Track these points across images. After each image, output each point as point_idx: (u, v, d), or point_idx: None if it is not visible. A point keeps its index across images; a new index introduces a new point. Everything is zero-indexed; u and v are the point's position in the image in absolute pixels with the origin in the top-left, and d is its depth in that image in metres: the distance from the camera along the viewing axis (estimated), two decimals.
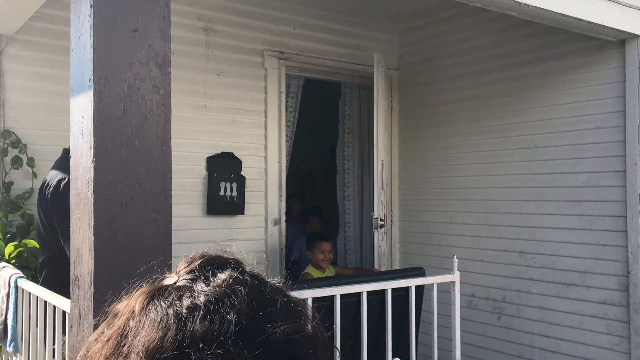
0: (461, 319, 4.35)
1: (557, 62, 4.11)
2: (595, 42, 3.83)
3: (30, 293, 2.53)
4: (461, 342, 4.10)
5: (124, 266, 1.83)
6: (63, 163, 2.71)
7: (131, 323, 0.69)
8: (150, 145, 1.89)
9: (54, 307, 2.26)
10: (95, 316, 1.80)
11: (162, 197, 1.91)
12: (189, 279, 0.73)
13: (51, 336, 2.32)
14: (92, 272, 1.80)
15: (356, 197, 5.45)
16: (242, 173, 4.48)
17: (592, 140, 3.88)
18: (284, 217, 4.68)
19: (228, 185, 4.38)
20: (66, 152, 2.88)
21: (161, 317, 0.67)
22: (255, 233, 4.57)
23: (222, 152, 4.41)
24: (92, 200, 1.79)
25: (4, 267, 2.97)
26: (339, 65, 5.01)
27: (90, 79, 1.82)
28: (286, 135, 4.90)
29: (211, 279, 0.72)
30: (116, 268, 1.82)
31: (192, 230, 4.26)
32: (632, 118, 3.66)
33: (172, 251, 1.93)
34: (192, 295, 0.70)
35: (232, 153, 4.45)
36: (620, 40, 3.73)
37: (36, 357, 2.49)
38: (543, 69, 4.19)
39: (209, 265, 0.75)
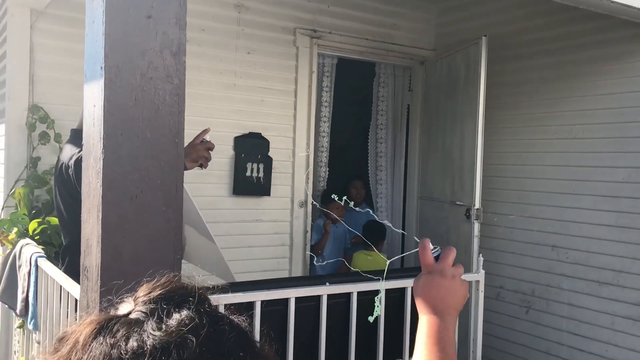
0: (488, 310, 4.26)
1: (601, 50, 3.89)
2: None
3: (48, 275, 2.54)
4: (486, 334, 4.01)
5: (131, 260, 1.80)
6: (74, 142, 2.70)
7: (73, 357, 0.66)
8: (162, 136, 1.83)
9: (68, 293, 2.25)
10: (101, 310, 1.77)
11: (173, 190, 1.85)
12: (143, 312, 0.68)
13: (65, 319, 2.32)
14: (99, 264, 1.77)
15: (389, 180, 5.35)
16: (269, 154, 4.42)
17: (635, 134, 3.68)
18: (310, 200, 4.62)
19: (255, 166, 4.33)
20: (74, 133, 2.88)
21: (102, 358, 0.64)
22: (281, 215, 4.53)
23: (250, 132, 4.35)
24: (101, 193, 1.75)
25: (27, 244, 3.00)
26: (374, 45, 4.86)
27: (101, 67, 1.76)
28: (324, 116, 4.84)
29: (165, 319, 0.67)
30: (124, 262, 1.79)
31: (218, 210, 4.23)
32: None
33: (182, 245, 1.89)
34: (140, 337, 0.65)
35: (260, 133, 4.39)
36: None
37: (53, 338, 2.51)
38: (586, 57, 3.98)
39: (168, 299, 0.70)
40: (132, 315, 0.69)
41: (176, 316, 0.67)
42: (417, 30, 5.11)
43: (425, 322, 1.05)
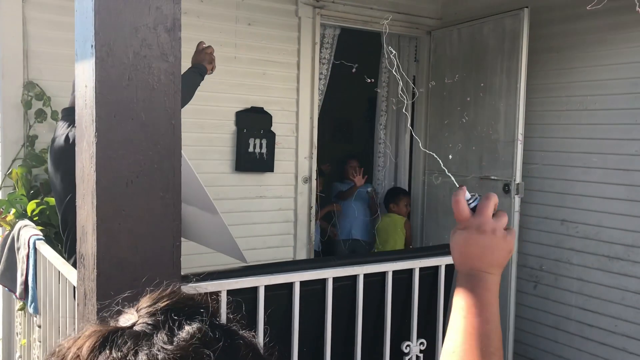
0: None
1: (614, 17, 3.74)
2: None
3: (46, 259, 2.47)
4: None
5: (129, 247, 1.72)
6: (66, 118, 2.62)
7: None
8: (158, 118, 1.74)
9: (67, 279, 2.19)
10: (98, 299, 1.71)
11: (170, 174, 1.77)
12: (150, 324, 0.62)
13: (64, 305, 2.26)
14: (95, 253, 1.70)
15: (392, 154, 5.25)
16: (272, 129, 4.32)
17: None
18: (314, 175, 4.53)
19: (257, 141, 4.23)
20: (65, 111, 2.79)
21: None
22: (285, 191, 4.45)
23: (251, 107, 4.25)
24: (95, 178, 1.67)
25: (25, 225, 2.93)
26: (378, 14, 4.72)
27: (92, 45, 1.66)
28: (319, 89, 4.70)
29: (176, 331, 0.61)
30: (121, 249, 1.71)
31: (220, 187, 4.16)
32: None
33: (180, 232, 1.81)
34: (150, 351, 0.58)
35: (262, 108, 4.29)
36: None
37: (52, 322, 2.46)
38: (599, 24, 3.84)
39: (177, 311, 0.63)
40: (137, 328, 0.63)
41: (188, 329, 0.61)
42: None
43: (463, 283, 0.92)
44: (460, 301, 0.90)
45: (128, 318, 0.64)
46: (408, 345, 2.46)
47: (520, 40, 4.03)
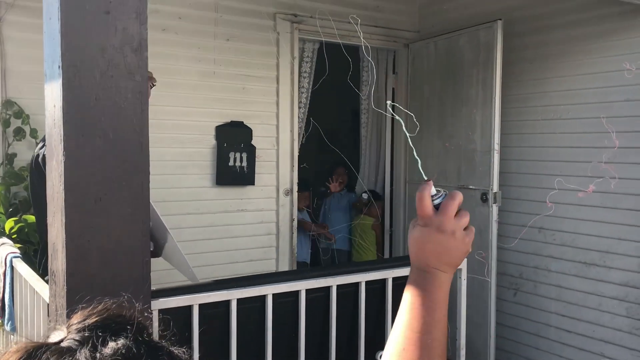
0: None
1: (586, 28, 3.83)
2: (630, 7, 3.54)
3: (22, 276, 2.49)
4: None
5: (99, 264, 1.75)
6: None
7: None
8: (125, 136, 1.77)
9: (41, 296, 2.21)
10: (67, 316, 1.73)
11: (139, 191, 1.80)
12: (77, 340, 0.65)
13: (39, 322, 2.28)
14: (65, 270, 1.72)
15: (372, 165, 5.30)
16: (252, 142, 4.36)
17: (620, 113, 3.64)
18: (295, 188, 4.57)
19: (238, 155, 4.27)
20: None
21: None
22: (266, 204, 4.48)
23: (231, 121, 4.29)
24: (64, 196, 1.70)
25: (2, 243, 2.94)
26: (357, 28, 4.77)
27: (59, 66, 1.70)
28: (300, 102, 4.75)
29: (100, 347, 0.64)
30: (91, 266, 1.74)
31: (201, 201, 4.19)
32: None
33: (149, 247, 1.84)
34: None
35: (242, 122, 4.33)
36: None
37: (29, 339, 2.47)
38: (571, 35, 3.92)
39: (104, 327, 0.66)
40: (64, 344, 0.65)
41: (112, 345, 0.64)
42: (401, 12, 5.03)
43: (416, 277, 0.92)
44: (411, 296, 0.91)
45: (58, 334, 0.66)
46: (382, 355, 2.49)
47: (495, 52, 4.10)
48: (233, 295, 2.12)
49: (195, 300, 2.04)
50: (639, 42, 3.54)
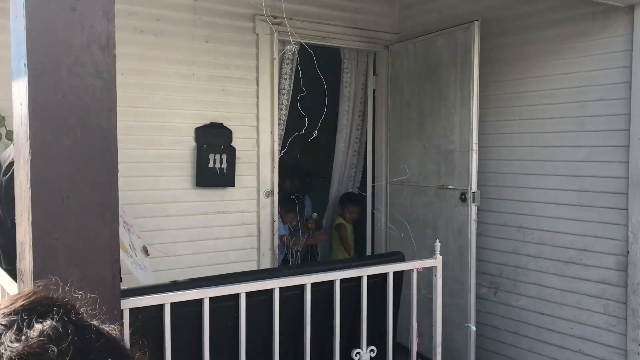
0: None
1: (560, 29, 3.87)
2: (602, 8, 3.59)
3: None
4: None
5: (67, 262, 1.74)
6: None
7: None
8: (93, 134, 1.77)
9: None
10: None
11: (107, 189, 1.80)
12: (2, 325, 0.65)
13: None
14: (32, 269, 1.71)
15: (352, 164, 5.33)
16: (232, 144, 4.35)
17: (595, 112, 3.68)
18: (276, 189, 4.57)
19: (217, 156, 4.26)
20: None
21: None
22: (247, 205, 4.48)
23: (211, 123, 4.28)
24: (30, 195, 1.69)
25: None
26: (336, 29, 4.80)
27: (24, 64, 1.69)
28: (282, 104, 4.75)
29: (25, 330, 0.64)
30: (59, 265, 1.73)
31: (181, 203, 4.18)
32: (638, 90, 3.45)
33: (119, 247, 1.84)
34: None
35: (222, 123, 4.32)
36: (629, 6, 3.48)
37: None
38: (546, 36, 3.96)
39: (31, 310, 0.66)
40: None
41: (38, 327, 0.64)
42: (380, 13, 5.06)
43: None
44: None
45: None
46: (358, 353, 2.49)
47: (472, 53, 4.13)
48: (206, 294, 2.11)
49: (167, 299, 2.03)
50: (611, 42, 3.58)
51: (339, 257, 5.15)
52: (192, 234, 4.25)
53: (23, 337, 0.62)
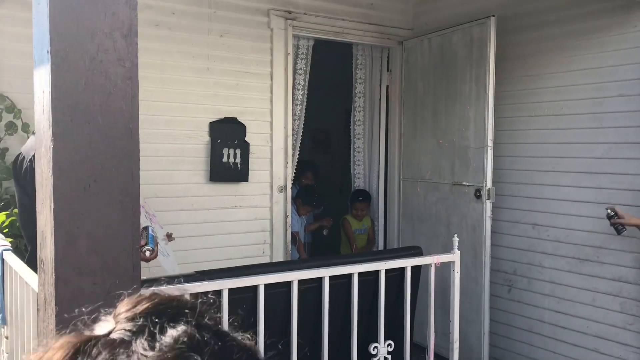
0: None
1: (579, 24, 3.84)
2: (621, 2, 3.56)
3: (12, 268, 2.47)
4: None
5: (88, 251, 1.73)
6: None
7: None
8: (115, 122, 1.76)
9: (30, 287, 2.19)
10: (56, 304, 1.71)
11: (129, 178, 1.79)
12: (128, 331, 0.56)
13: (29, 314, 2.25)
14: (53, 257, 1.70)
15: (366, 162, 5.30)
16: (246, 139, 4.34)
17: (614, 109, 3.64)
18: (289, 184, 4.56)
19: (231, 151, 4.26)
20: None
21: None
22: (260, 200, 4.47)
23: (225, 117, 4.27)
24: (52, 183, 1.68)
25: None
26: (350, 25, 4.78)
27: (47, 51, 1.68)
28: (297, 99, 4.74)
29: (158, 336, 0.55)
30: (79, 253, 1.72)
31: (195, 198, 4.17)
32: None
33: (140, 236, 1.83)
34: None
35: (236, 118, 4.31)
36: None
37: (19, 333, 2.45)
38: (564, 31, 3.92)
39: (159, 314, 0.58)
40: (114, 335, 0.57)
41: (171, 332, 0.56)
42: (395, 9, 5.03)
43: None
44: None
45: (104, 325, 0.59)
46: (376, 347, 2.48)
47: (488, 49, 4.11)
48: (225, 285, 2.11)
49: (186, 289, 2.02)
50: (631, 38, 3.55)
51: (344, 250, 5.16)
52: (205, 229, 4.24)
53: (157, 345, 0.54)
